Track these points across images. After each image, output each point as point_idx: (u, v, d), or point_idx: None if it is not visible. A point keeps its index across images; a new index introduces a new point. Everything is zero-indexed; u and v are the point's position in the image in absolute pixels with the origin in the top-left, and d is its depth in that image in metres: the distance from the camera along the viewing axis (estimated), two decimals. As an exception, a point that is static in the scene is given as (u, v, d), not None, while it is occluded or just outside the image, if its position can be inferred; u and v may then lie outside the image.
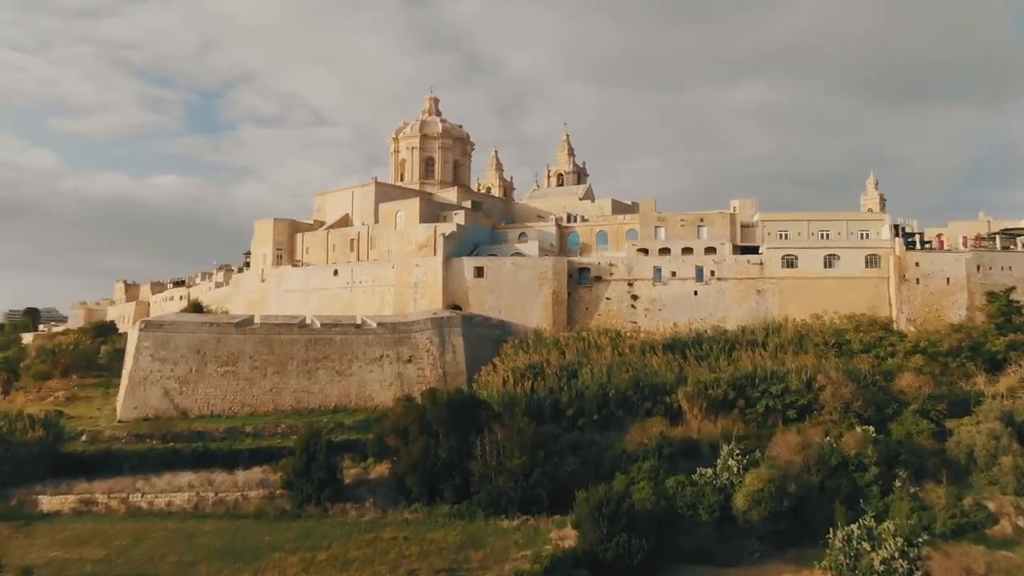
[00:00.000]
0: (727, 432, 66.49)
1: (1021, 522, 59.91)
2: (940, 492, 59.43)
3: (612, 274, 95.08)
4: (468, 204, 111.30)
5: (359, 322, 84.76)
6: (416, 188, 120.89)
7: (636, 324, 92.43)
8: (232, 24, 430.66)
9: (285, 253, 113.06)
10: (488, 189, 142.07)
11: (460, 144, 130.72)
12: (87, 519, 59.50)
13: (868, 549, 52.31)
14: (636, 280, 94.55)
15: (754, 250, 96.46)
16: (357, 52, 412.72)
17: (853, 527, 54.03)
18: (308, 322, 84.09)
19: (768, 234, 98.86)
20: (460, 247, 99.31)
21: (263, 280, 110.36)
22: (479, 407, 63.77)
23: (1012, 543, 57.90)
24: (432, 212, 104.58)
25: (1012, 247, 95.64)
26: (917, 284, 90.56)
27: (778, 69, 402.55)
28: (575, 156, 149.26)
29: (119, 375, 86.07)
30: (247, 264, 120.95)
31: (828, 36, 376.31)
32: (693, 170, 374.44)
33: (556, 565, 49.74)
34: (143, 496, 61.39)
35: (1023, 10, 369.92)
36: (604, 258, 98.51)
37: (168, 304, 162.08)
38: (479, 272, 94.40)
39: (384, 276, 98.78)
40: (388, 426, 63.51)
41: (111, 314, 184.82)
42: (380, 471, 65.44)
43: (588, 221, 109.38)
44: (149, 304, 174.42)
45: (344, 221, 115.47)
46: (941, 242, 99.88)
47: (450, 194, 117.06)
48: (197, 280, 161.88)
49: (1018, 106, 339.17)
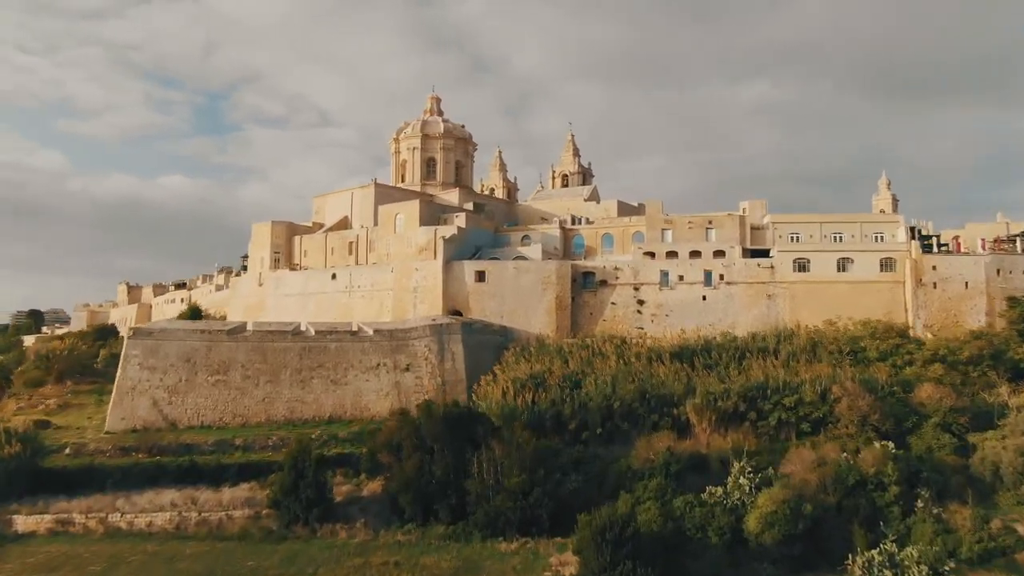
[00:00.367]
0: (738, 447, 62.57)
1: (1052, 547, 55.86)
2: (965, 514, 55.38)
3: (617, 278, 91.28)
4: (470, 206, 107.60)
5: (355, 329, 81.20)
6: (417, 190, 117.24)
7: (642, 330, 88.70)
8: (237, 25, 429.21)
9: (283, 256, 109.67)
10: (492, 190, 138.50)
11: (462, 144, 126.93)
12: (63, 540, 55.92)
13: (890, 577, 48.50)
14: (642, 284, 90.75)
15: (764, 253, 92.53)
16: (362, 52, 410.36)
17: (874, 552, 50.08)
18: (303, 329, 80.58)
19: (779, 236, 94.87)
20: (461, 250, 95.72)
21: (260, 284, 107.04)
22: (476, 421, 60.09)
23: (1043, 570, 53.90)
24: (433, 214, 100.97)
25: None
26: (934, 289, 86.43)
27: (784, 68, 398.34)
28: (580, 156, 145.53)
29: (115, 381, 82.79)
30: (244, 268, 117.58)
31: (834, 34, 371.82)
32: (699, 169, 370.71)
33: (556, 595, 46.12)
34: (122, 516, 57.84)
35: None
36: (609, 262, 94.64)
37: (169, 307, 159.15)
38: (480, 276, 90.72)
39: (383, 280, 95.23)
40: (381, 441, 59.90)
41: (113, 316, 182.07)
42: (373, 488, 61.81)
43: (593, 223, 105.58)
44: (151, 306, 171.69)
45: (343, 223, 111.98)
46: (959, 245, 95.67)
47: (452, 196, 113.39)
48: (198, 282, 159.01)
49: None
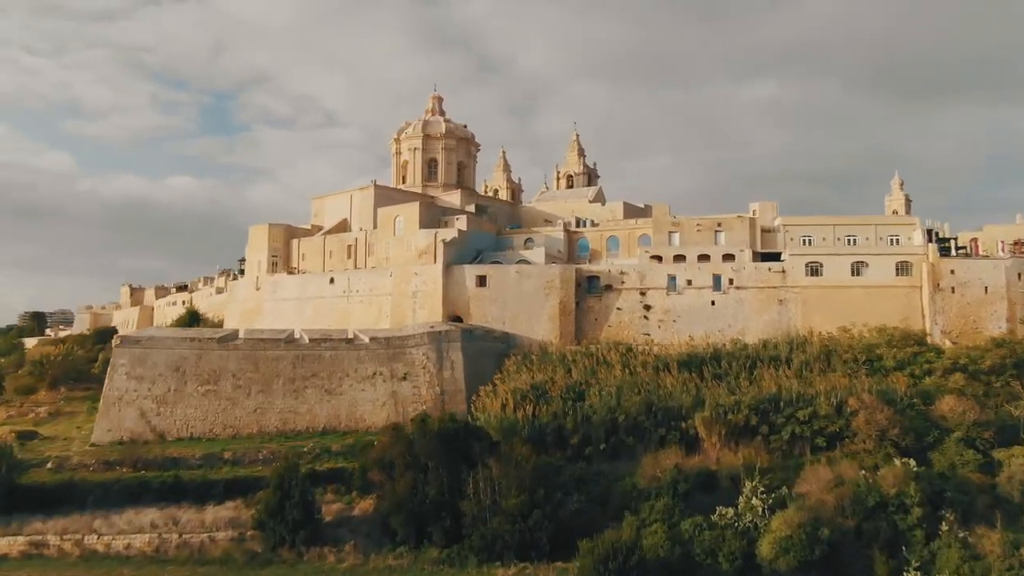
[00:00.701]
0: (749, 464, 58.77)
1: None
2: (994, 538, 51.33)
3: (623, 283, 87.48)
4: (472, 208, 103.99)
5: (351, 336, 77.77)
6: (418, 191, 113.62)
7: (649, 336, 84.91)
8: (244, 26, 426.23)
9: (281, 260, 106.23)
10: (495, 191, 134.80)
11: (464, 145, 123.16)
12: (36, 564, 52.56)
13: (915, 609, 44.75)
14: (649, 289, 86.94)
15: (775, 257, 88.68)
16: (368, 53, 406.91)
17: (896, 581, 46.45)
18: (297, 336, 77.17)
19: (790, 239, 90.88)
20: (462, 254, 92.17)
21: (258, 288, 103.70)
22: (473, 437, 56.52)
23: (1078, 599, 49.93)
24: (433, 217, 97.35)
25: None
26: (952, 293, 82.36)
27: (790, 66, 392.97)
28: (585, 157, 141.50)
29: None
30: (242, 271, 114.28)
31: (840, 33, 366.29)
32: (705, 169, 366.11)
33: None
34: (100, 538, 54.45)
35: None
36: (615, 266, 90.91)
37: (171, 309, 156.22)
38: (481, 281, 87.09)
39: (382, 285, 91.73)
40: (372, 458, 56.38)
41: (116, 319, 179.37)
42: (365, 507, 58.32)
43: (598, 226, 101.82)
44: (153, 309, 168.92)
45: (342, 226, 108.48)
46: (977, 247, 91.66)
47: (453, 197, 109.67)
48: (199, 285, 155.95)
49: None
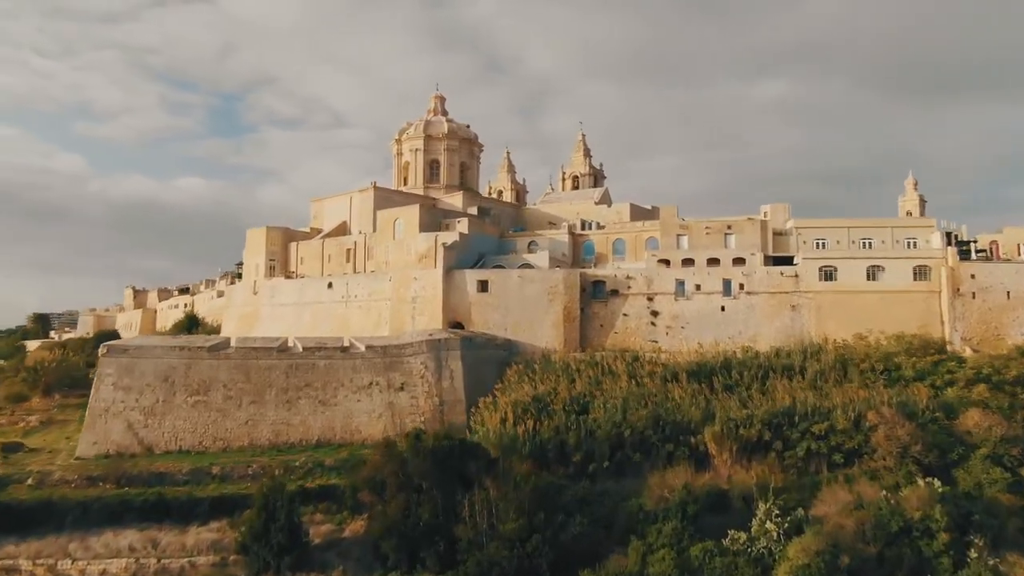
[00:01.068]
0: (763, 482, 54.94)
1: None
2: (1027, 566, 47.63)
3: (630, 287, 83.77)
4: (474, 210, 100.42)
5: (346, 344, 74.33)
6: (420, 193, 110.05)
7: (656, 343, 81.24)
8: (251, 27, 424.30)
9: (279, 263, 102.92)
10: (500, 193, 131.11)
11: (467, 145, 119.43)
12: (5, 591, 49.59)
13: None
14: (656, 294, 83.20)
15: (788, 261, 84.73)
16: (375, 53, 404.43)
17: (924, 616, 42.64)
18: (290, 345, 73.78)
19: (803, 243, 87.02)
20: (463, 258, 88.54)
21: (255, 293, 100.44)
22: (470, 456, 52.80)
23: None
24: (434, 219, 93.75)
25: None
26: (973, 299, 78.39)
27: (799, 65, 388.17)
28: (591, 157, 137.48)
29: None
30: (239, 275, 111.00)
31: (851, 31, 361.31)
32: (714, 168, 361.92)
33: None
34: (74, 562, 51.09)
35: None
36: (621, 270, 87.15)
37: (173, 312, 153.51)
38: (483, 286, 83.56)
39: (381, 290, 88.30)
40: (363, 478, 52.82)
41: (120, 321, 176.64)
42: (356, 528, 54.74)
43: (604, 228, 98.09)
44: (156, 312, 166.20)
45: (342, 229, 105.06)
46: (997, 250, 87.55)
47: (455, 199, 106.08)
48: (201, 288, 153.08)
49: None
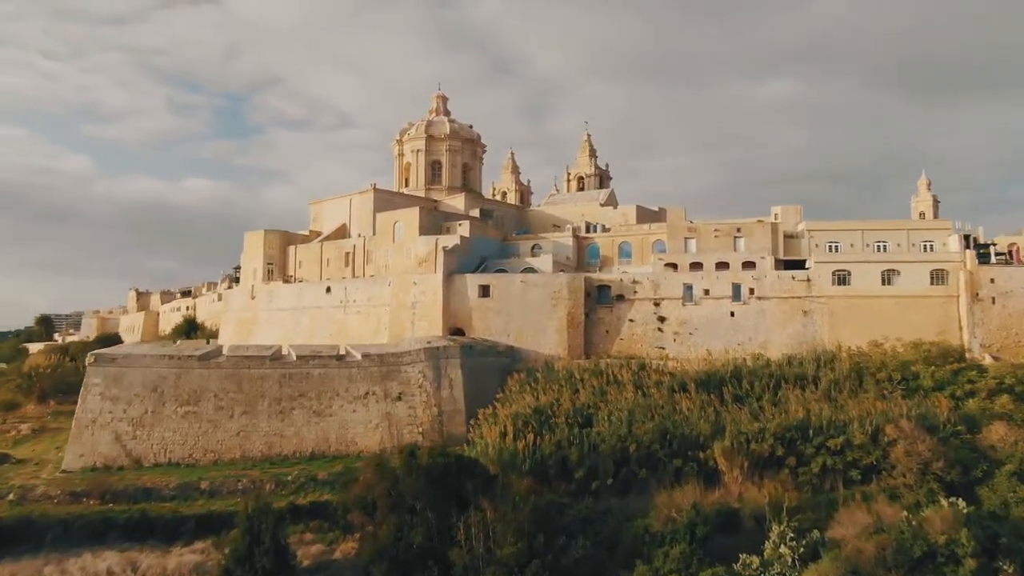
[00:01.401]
0: (776, 501, 51.47)
1: None
2: (1060, 596, 44.19)
3: (636, 292, 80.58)
4: (476, 213, 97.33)
5: (342, 352, 71.38)
6: (421, 195, 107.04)
7: (663, 350, 78.12)
8: (257, 28, 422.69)
9: (277, 267, 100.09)
10: (504, 194, 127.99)
11: (470, 146, 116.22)
12: (-24, 617, 46.76)
13: None
14: (664, 299, 79.98)
15: (800, 264, 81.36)
16: (382, 54, 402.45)
17: (951, 651, 39.26)
18: (284, 353, 70.86)
19: (815, 246, 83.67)
20: (465, 262, 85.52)
21: (253, 297, 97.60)
22: (466, 474, 49.65)
23: None
24: (434, 222, 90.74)
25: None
26: (993, 304, 74.90)
27: (806, 64, 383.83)
28: (597, 157, 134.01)
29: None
30: (237, 279, 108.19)
31: (856, 30, 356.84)
32: (722, 168, 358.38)
33: None
34: (48, 587, 48.40)
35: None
36: (627, 274, 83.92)
37: (175, 315, 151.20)
38: (484, 291, 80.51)
39: (380, 295, 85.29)
40: (353, 497, 49.76)
41: (123, 324, 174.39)
42: (348, 548, 51.69)
43: (609, 231, 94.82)
44: (158, 314, 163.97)
45: (341, 232, 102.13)
46: (1018, 254, 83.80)
47: (457, 201, 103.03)
48: (203, 290, 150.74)
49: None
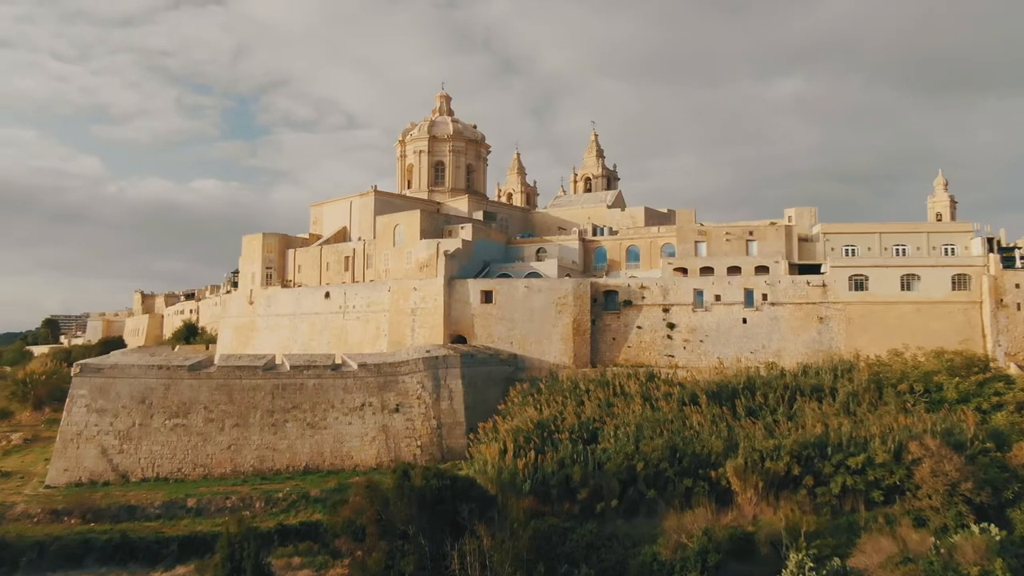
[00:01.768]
0: (792, 525, 47.80)
1: None
2: (1104, 634, 40.39)
3: (644, 298, 77.07)
4: (479, 215, 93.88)
5: (338, 362, 68.16)
6: (424, 197, 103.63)
7: (673, 358, 74.73)
8: (265, 30, 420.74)
9: (275, 272, 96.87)
10: (509, 196, 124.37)
11: (473, 147, 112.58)
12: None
13: None
14: (673, 305, 76.46)
15: (815, 269, 77.75)
16: (389, 55, 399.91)
17: None
18: (277, 363, 67.66)
19: (831, 249, 79.89)
20: (467, 266, 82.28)
21: (251, 302, 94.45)
22: (461, 497, 46.17)
23: None
24: (436, 225, 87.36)
25: None
26: (1018, 311, 71.25)
27: (817, 62, 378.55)
28: (604, 158, 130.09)
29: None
30: (235, 284, 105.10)
31: (866, 28, 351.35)
32: (732, 168, 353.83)
33: None
34: (19, 617, 45.24)
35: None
36: (635, 279, 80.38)
37: (179, 318, 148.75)
38: (487, 297, 77.16)
39: (379, 300, 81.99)
40: (341, 521, 46.35)
41: (128, 326, 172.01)
42: (337, 574, 48.35)
43: (617, 234, 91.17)
44: (163, 317, 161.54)
45: (342, 235, 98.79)
46: (1043, 258, 79.72)
47: (460, 203, 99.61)
48: (207, 293, 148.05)
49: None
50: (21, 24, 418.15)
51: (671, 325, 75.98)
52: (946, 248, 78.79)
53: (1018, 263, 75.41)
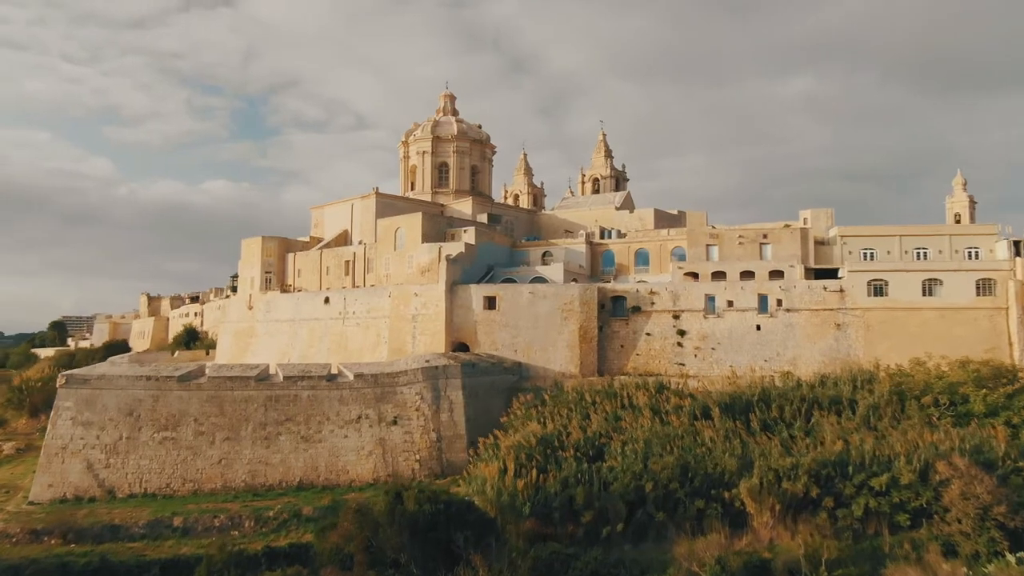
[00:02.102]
0: (812, 551, 44.18)
1: None
2: None
3: (654, 304, 73.62)
4: (484, 218, 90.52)
5: (333, 372, 65.01)
6: (427, 199, 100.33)
7: (683, 367, 71.22)
8: (275, 31, 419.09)
9: (275, 276, 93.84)
10: (516, 197, 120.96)
11: (478, 147, 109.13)
12: None
13: None
14: (683, 311, 72.99)
15: (832, 274, 73.96)
16: (398, 56, 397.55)
17: None
18: (271, 373, 64.59)
19: (849, 253, 76.11)
20: (470, 271, 78.98)
21: (250, 308, 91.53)
22: (456, 524, 42.82)
23: None
24: (439, 228, 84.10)
25: None
26: (1046, 317, 67.32)
27: (828, 60, 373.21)
28: (613, 158, 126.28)
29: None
30: (234, 288, 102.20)
31: (878, 25, 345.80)
32: (742, 167, 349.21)
33: None
34: (-15, 651, 42.35)
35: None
36: (644, 284, 76.89)
37: (184, 321, 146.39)
38: (490, 303, 73.91)
39: (380, 306, 78.83)
40: (329, 548, 43.11)
41: (134, 329, 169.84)
42: (327, 602, 45.22)
43: (625, 237, 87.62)
44: (168, 319, 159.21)
45: (343, 239, 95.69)
46: (1070, 261, 75.69)
47: (465, 205, 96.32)
48: (211, 296, 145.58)
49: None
50: (32, 27, 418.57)
51: (682, 332, 72.55)
52: (969, 251, 74.91)
53: (1045, 267, 71.45)
